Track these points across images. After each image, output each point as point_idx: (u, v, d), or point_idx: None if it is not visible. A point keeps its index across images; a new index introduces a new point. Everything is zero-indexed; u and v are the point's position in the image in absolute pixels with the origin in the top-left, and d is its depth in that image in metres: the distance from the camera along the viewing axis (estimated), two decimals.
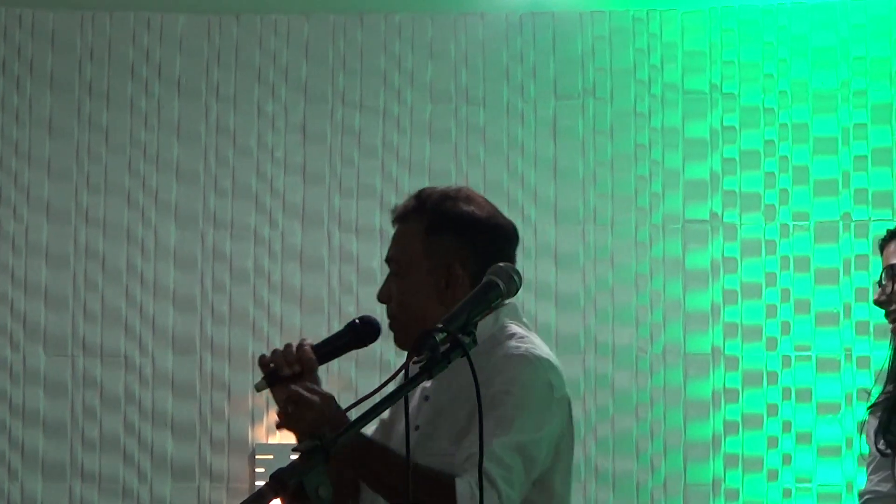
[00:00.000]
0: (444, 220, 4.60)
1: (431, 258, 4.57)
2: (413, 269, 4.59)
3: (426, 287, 4.58)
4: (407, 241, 4.63)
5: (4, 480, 7.58)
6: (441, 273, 4.56)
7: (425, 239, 4.58)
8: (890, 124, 7.50)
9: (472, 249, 4.57)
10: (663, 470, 7.32)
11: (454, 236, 4.57)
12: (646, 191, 7.58)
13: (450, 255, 4.56)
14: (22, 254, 7.56)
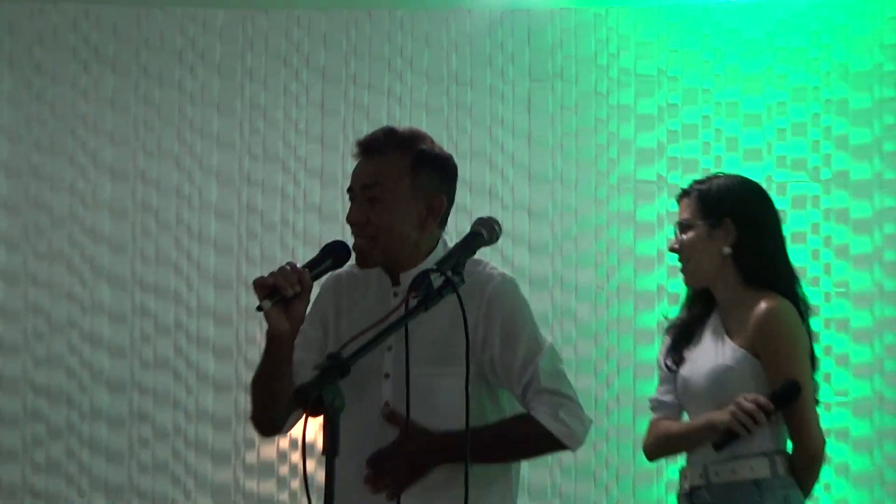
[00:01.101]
0: (428, 158, 4.69)
1: (417, 190, 4.63)
2: (399, 198, 4.62)
3: (410, 215, 4.64)
4: (391, 173, 4.64)
5: (76, 392, 7.78)
6: (424, 203, 4.65)
7: (411, 173, 4.63)
8: (806, 102, 7.75)
9: (447, 184, 4.74)
10: (616, 386, 7.63)
11: (435, 172, 4.69)
12: (604, 156, 7.93)
13: (433, 188, 4.67)
14: (90, 207, 7.88)
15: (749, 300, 5.36)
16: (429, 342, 4.49)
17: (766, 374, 5.26)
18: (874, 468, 7.49)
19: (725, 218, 5.39)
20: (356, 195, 4.68)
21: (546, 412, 4.58)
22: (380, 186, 4.64)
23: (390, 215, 4.64)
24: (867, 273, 7.60)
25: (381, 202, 4.64)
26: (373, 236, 4.63)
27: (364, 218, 4.63)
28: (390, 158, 4.66)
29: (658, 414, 5.57)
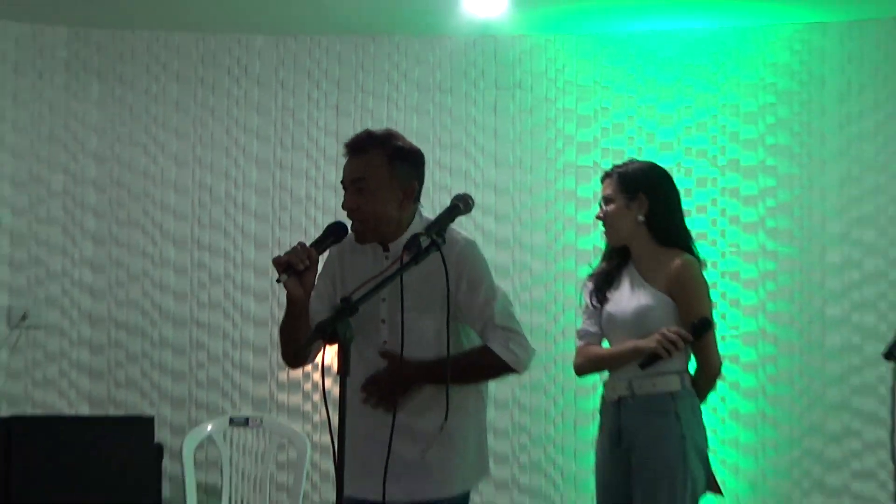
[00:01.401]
0: (402, 153, 4.66)
1: (395, 179, 4.60)
2: (381, 187, 4.59)
3: (391, 200, 4.61)
4: (374, 167, 4.61)
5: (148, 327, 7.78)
6: (401, 189, 4.62)
7: (389, 165, 4.60)
8: (707, 106, 7.69)
9: (418, 171, 4.70)
10: (562, 322, 7.62)
11: (408, 163, 4.65)
12: (552, 147, 7.87)
13: (407, 176, 4.64)
14: (158, 186, 7.86)
15: (661, 255, 5.51)
16: (412, 292, 4.44)
17: (679, 312, 5.37)
18: (758, 384, 7.56)
19: (640, 193, 5.56)
20: (347, 187, 4.65)
21: (500, 344, 4.64)
22: (365, 180, 4.61)
23: (375, 202, 4.61)
24: (753, 237, 7.65)
25: (368, 192, 4.61)
26: (365, 220, 4.62)
27: (356, 205, 4.61)
28: (371, 156, 4.63)
29: (584, 341, 5.64)
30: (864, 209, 7.47)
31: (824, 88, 7.64)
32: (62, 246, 7.84)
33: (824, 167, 7.61)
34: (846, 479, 7.40)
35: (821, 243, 7.55)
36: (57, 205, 7.82)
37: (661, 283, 5.44)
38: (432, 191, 7.55)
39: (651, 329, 5.35)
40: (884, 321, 7.28)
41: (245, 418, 7.53)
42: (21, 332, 7.69)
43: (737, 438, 7.53)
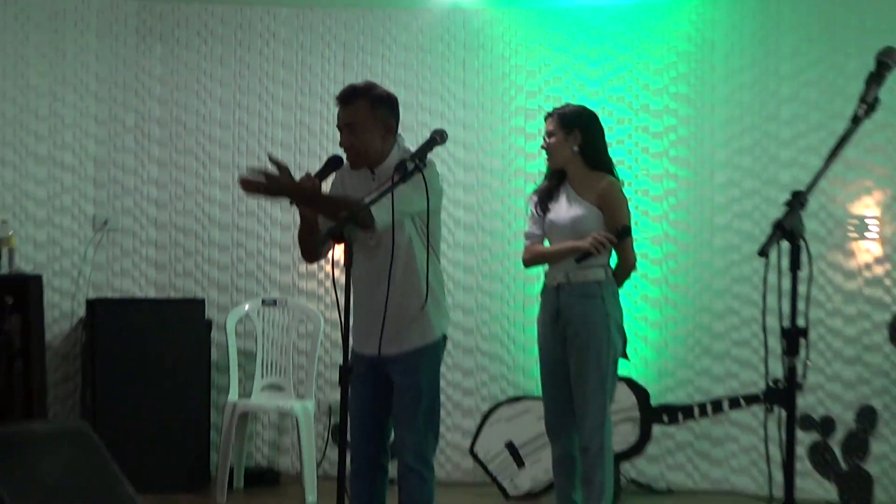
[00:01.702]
0: (381, 99, 4.70)
1: (377, 120, 4.65)
2: (367, 127, 4.64)
3: (375, 136, 4.66)
4: (360, 113, 4.64)
5: (200, 230, 7.77)
6: (382, 127, 4.67)
7: (371, 110, 4.64)
8: (626, 64, 7.62)
9: (394, 112, 4.74)
10: (514, 227, 7.49)
11: (385, 106, 4.70)
12: (507, 94, 7.79)
13: (386, 117, 4.69)
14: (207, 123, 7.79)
15: (591, 177, 5.67)
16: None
17: (605, 221, 5.50)
18: (662, 275, 7.62)
19: (575, 129, 5.67)
20: (342, 129, 4.69)
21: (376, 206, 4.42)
22: (354, 124, 4.65)
23: (364, 139, 4.66)
24: (659, 162, 7.67)
25: (357, 133, 4.66)
26: (357, 153, 4.68)
27: (349, 143, 4.66)
28: (357, 105, 4.66)
29: (531, 241, 5.74)
30: (744, 142, 7.49)
31: (714, 50, 7.60)
32: (133, 168, 7.81)
33: (713, 110, 7.59)
34: (727, 346, 7.48)
35: (710, 168, 7.58)
36: (129, 137, 7.79)
37: (591, 198, 5.57)
38: (416, 127, 7.59)
39: (584, 233, 5.49)
40: (757, 227, 7.30)
41: (274, 300, 7.58)
42: (103, 234, 7.70)
43: (646, 316, 7.60)
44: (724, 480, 7.42)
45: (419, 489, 4.79)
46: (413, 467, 4.77)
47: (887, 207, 7.06)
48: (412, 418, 4.73)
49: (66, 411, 7.34)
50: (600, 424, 5.46)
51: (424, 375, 4.76)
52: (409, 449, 4.75)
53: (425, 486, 4.80)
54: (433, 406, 4.79)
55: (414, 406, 4.73)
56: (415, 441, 4.76)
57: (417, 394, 4.74)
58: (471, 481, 7.54)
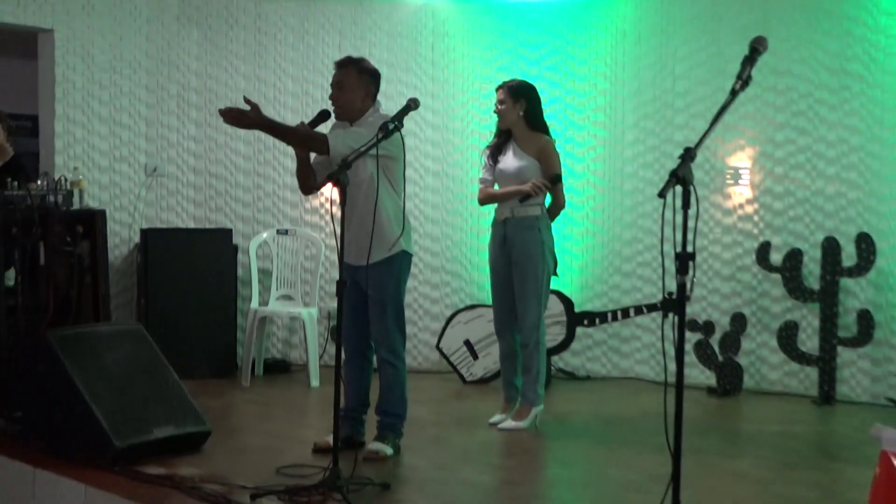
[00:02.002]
0: (365, 69, 4.78)
1: (361, 84, 4.74)
2: (353, 88, 4.73)
3: (356, 97, 4.73)
4: (349, 76, 4.74)
5: (228, 175, 7.70)
6: (364, 90, 4.75)
7: (359, 76, 4.75)
8: (557, 48, 7.53)
9: (375, 80, 4.81)
10: (471, 174, 7.34)
11: (368, 75, 4.78)
12: (466, 70, 7.68)
13: (368, 83, 4.77)
14: (233, 91, 7.54)
15: (532, 136, 5.68)
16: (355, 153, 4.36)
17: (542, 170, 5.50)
18: (584, 212, 7.61)
19: (521, 98, 5.61)
20: (333, 85, 4.78)
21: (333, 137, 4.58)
22: (343, 83, 4.75)
23: (348, 96, 4.74)
24: (583, 125, 7.62)
25: (344, 90, 4.74)
26: (341, 106, 4.75)
27: (337, 97, 4.75)
28: (348, 70, 4.77)
29: (484, 185, 5.73)
30: (647, 109, 7.45)
31: (625, 38, 7.52)
32: (176, 127, 7.68)
33: (625, 85, 7.52)
34: (634, 267, 7.49)
35: (622, 129, 7.54)
36: (172, 102, 7.65)
37: (531, 153, 5.58)
38: (396, 96, 7.45)
39: (525, 180, 5.51)
40: (657, 175, 7.31)
41: (286, 230, 7.53)
42: (153, 178, 7.61)
43: (572, 243, 7.59)
44: (630, 370, 7.47)
45: (394, 377, 4.93)
46: (387, 360, 4.86)
47: (756, 160, 7.08)
48: (382, 321, 4.79)
49: (125, 315, 7.31)
50: (536, 326, 5.54)
51: (389, 287, 4.79)
52: (382, 345, 4.82)
53: (398, 374, 4.91)
54: (398, 311, 4.85)
55: (382, 312, 4.79)
56: (386, 339, 4.83)
57: (384, 303, 4.79)
58: (437, 370, 7.56)
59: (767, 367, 7.01)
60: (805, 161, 6.93)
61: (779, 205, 7.01)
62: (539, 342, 5.57)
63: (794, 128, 6.96)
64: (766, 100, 7.02)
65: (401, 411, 5.00)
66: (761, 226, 7.06)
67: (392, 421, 4.98)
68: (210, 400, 6.18)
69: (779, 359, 6.92)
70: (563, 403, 6.48)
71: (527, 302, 5.54)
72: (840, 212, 6.81)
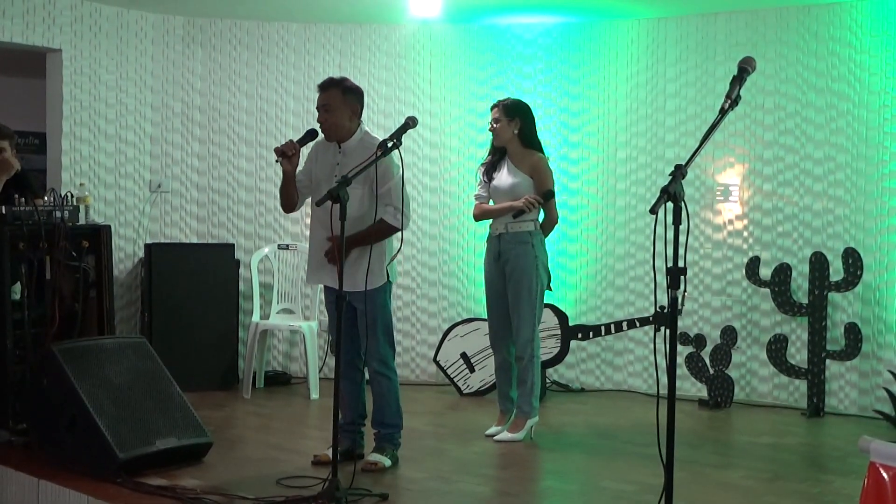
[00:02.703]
0: (350, 89, 4.76)
1: (346, 104, 4.72)
2: (339, 109, 4.70)
3: (344, 116, 4.71)
4: (334, 97, 4.71)
5: (230, 191, 7.65)
6: (349, 110, 4.73)
7: (343, 96, 4.72)
8: (554, 67, 7.56)
9: (360, 100, 4.81)
10: (468, 190, 7.33)
11: (353, 95, 4.77)
12: (464, 89, 7.64)
13: (353, 103, 4.76)
14: (236, 110, 7.60)
15: (526, 153, 5.68)
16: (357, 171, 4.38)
17: (535, 186, 5.49)
18: (578, 228, 7.60)
19: (516, 116, 5.60)
20: (320, 108, 4.76)
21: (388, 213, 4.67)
22: (329, 104, 4.73)
23: (335, 117, 4.73)
24: (577, 143, 7.60)
25: (331, 111, 4.73)
26: (329, 128, 4.74)
27: (324, 119, 4.74)
28: (332, 91, 4.75)
29: (479, 201, 5.74)
30: (639, 127, 7.43)
31: (617, 58, 7.49)
32: (180, 144, 7.67)
33: (617, 104, 7.51)
34: (626, 281, 7.46)
35: (614, 146, 7.52)
36: (177, 120, 7.64)
37: (525, 170, 5.57)
38: (394, 114, 7.58)
39: (519, 196, 5.50)
40: (649, 192, 7.30)
41: (286, 244, 7.50)
42: (157, 194, 7.59)
43: (566, 258, 7.57)
44: (623, 382, 7.44)
45: (387, 388, 4.96)
46: (380, 371, 4.90)
47: (745, 177, 7.07)
48: (373, 334, 4.80)
49: (129, 329, 7.29)
50: (531, 339, 5.53)
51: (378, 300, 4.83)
52: (374, 357, 4.85)
53: (391, 385, 4.94)
54: (388, 323, 4.89)
55: (373, 325, 4.80)
56: (377, 351, 4.85)
57: (374, 316, 4.81)
58: (434, 382, 7.54)
59: (757, 379, 6.99)
60: (793, 178, 6.92)
61: (768, 220, 7.00)
62: (534, 355, 5.55)
63: (783, 146, 6.95)
64: (755, 118, 7.01)
65: (397, 422, 4.99)
66: (751, 241, 7.04)
67: (389, 432, 4.97)
68: (212, 412, 6.17)
69: (769, 371, 6.89)
70: (557, 415, 6.45)
71: (521, 315, 5.52)
72: (827, 227, 6.79)
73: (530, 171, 5.57)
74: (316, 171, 4.90)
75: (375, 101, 7.61)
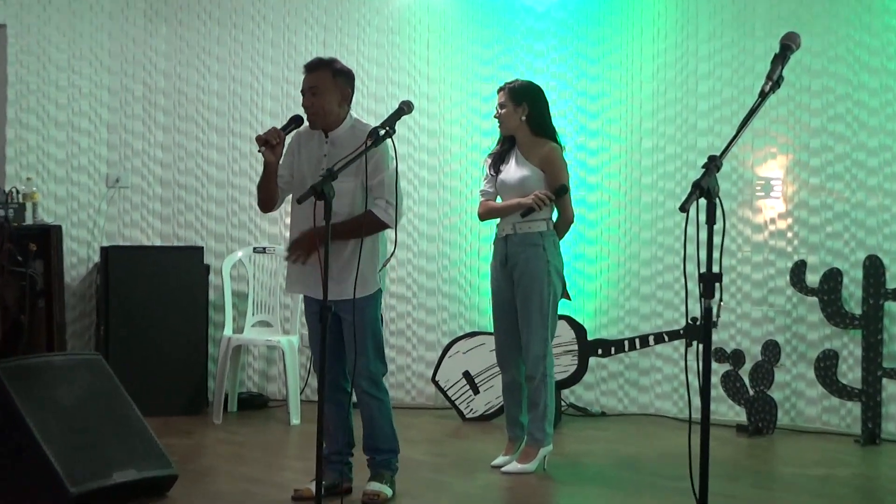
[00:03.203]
0: (340, 71, 4.82)
1: (336, 87, 4.77)
2: (328, 92, 4.75)
3: (334, 101, 4.76)
4: (323, 79, 4.76)
5: (199, 187, 7.69)
6: (340, 95, 4.78)
7: (333, 79, 4.77)
8: (567, 61, 7.74)
9: (351, 83, 4.85)
10: (471, 185, 7.41)
11: (344, 78, 4.82)
12: (466, 68, 7.66)
13: (346, 85, 4.82)
14: (205, 93, 7.62)
15: (536, 143, 5.68)
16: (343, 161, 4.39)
17: (547, 181, 5.49)
18: (598, 228, 7.60)
19: (523, 101, 5.62)
20: (306, 92, 4.80)
21: (378, 207, 4.73)
22: (318, 87, 4.77)
23: (324, 101, 4.76)
24: (596, 131, 7.62)
25: (319, 95, 4.76)
26: (316, 113, 4.77)
27: (311, 103, 4.77)
28: (321, 72, 4.80)
29: (484, 197, 5.74)
30: (668, 112, 7.44)
31: (642, 34, 7.51)
32: (141, 133, 7.68)
33: (642, 86, 7.52)
34: (653, 289, 7.47)
35: (639, 135, 7.53)
36: (138, 106, 7.66)
37: (535, 161, 5.58)
38: (387, 98, 7.63)
39: (529, 192, 5.51)
40: (679, 186, 7.31)
41: (263, 247, 7.51)
42: (115, 190, 7.61)
43: (584, 262, 7.58)
44: (650, 405, 7.44)
45: (379, 409, 4.99)
46: (369, 392, 4.91)
47: (789, 170, 7.07)
48: (363, 349, 4.80)
49: (82, 344, 7.31)
50: (543, 356, 5.52)
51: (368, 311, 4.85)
52: (364, 376, 4.85)
53: (383, 406, 4.95)
54: (379, 337, 4.91)
55: (363, 339, 4.80)
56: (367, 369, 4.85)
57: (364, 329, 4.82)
58: (433, 405, 7.54)
59: (804, 401, 6.99)
60: (844, 171, 6.93)
61: (815, 219, 7.00)
62: (546, 374, 5.54)
63: (832, 134, 6.96)
64: (800, 102, 7.02)
65: (393, 445, 5.01)
66: (795, 243, 7.04)
67: (386, 458, 4.98)
68: (177, 439, 6.16)
69: (817, 392, 6.89)
70: (574, 443, 6.45)
71: (532, 329, 5.52)
72: (883, 227, 6.79)
73: (541, 162, 5.57)
74: (299, 163, 4.88)
75: (365, 83, 7.61)
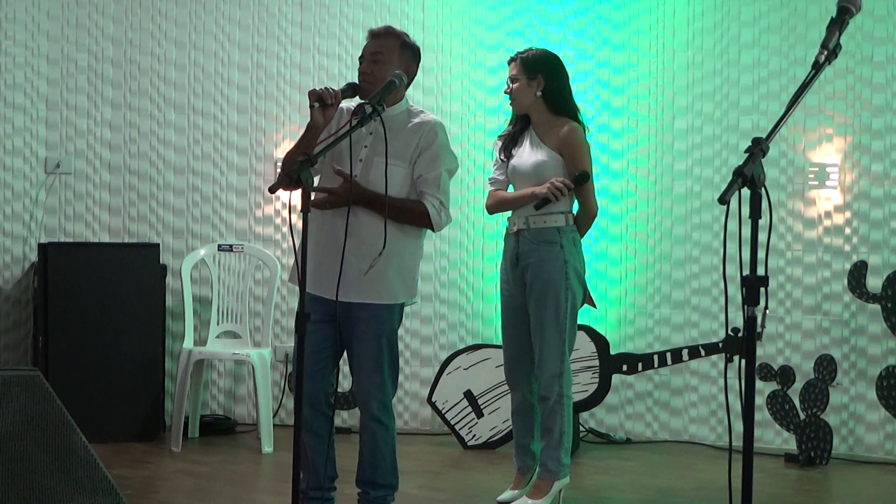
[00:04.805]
0: (408, 45, 4.96)
1: (402, 59, 4.89)
2: (393, 63, 4.85)
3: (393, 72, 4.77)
4: (390, 48, 4.89)
5: (154, 174, 7.68)
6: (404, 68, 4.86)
7: (401, 50, 4.91)
8: (587, 25, 7.71)
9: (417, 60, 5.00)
10: (473, 172, 7.48)
11: (411, 52, 4.96)
12: (468, 36, 7.69)
13: (410, 62, 4.95)
14: (162, 63, 7.67)
15: (554, 123, 5.66)
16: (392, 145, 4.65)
17: (566, 166, 5.49)
18: (622, 222, 7.61)
19: (538, 73, 5.61)
20: (366, 58, 4.90)
21: (433, 207, 4.84)
22: (382, 53, 4.88)
23: (384, 71, 4.83)
24: (621, 108, 7.65)
25: (381, 63, 4.86)
26: (373, 82, 4.80)
27: (370, 70, 4.86)
28: (389, 41, 4.93)
29: (494, 187, 5.73)
30: (705, 87, 7.47)
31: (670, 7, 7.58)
32: (87, 110, 7.72)
33: (675, 56, 7.56)
34: (687, 295, 7.50)
35: (671, 114, 7.56)
36: (83, 77, 7.69)
37: (553, 144, 5.57)
38: None
39: (545, 179, 5.50)
40: (718, 174, 7.34)
41: (230, 245, 7.53)
42: (55, 177, 7.64)
43: (606, 263, 7.61)
44: (684, 430, 7.47)
45: (384, 439, 4.96)
46: (378, 418, 4.90)
47: (848, 155, 7.09)
48: (378, 368, 4.83)
49: (16, 358, 7.33)
50: (559, 373, 5.48)
51: (387, 323, 4.89)
52: (374, 399, 4.86)
53: (388, 435, 4.94)
54: (395, 354, 4.93)
55: (378, 355, 4.83)
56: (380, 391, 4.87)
57: (380, 343, 4.85)
58: (429, 430, 7.57)
59: (864, 427, 7.01)
60: None
61: (877, 213, 7.03)
62: (563, 395, 5.52)
63: None
64: (861, 75, 7.04)
65: (392, 481, 5.00)
66: (855, 241, 7.07)
67: (383, 494, 4.98)
68: (130, 470, 6.18)
69: (879, 416, 6.92)
70: (594, 475, 6.47)
71: (546, 341, 5.51)
72: None
73: (560, 145, 5.56)
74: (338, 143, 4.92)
75: (350, 51, 7.64)
